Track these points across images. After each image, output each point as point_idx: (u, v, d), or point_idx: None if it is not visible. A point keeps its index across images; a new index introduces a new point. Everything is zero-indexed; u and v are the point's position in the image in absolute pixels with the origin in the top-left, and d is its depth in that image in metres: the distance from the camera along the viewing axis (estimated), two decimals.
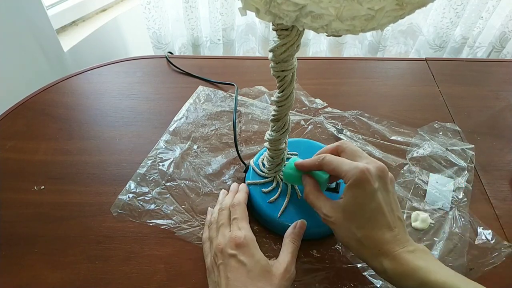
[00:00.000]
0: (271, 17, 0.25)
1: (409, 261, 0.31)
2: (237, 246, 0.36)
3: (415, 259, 0.31)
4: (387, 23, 0.24)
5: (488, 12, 1.02)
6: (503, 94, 0.63)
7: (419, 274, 0.30)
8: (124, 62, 0.68)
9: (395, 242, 0.32)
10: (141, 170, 0.49)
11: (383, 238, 0.32)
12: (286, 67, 0.34)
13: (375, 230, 0.32)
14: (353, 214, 0.33)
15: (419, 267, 0.30)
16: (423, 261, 0.31)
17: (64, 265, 0.41)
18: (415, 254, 0.32)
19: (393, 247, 0.32)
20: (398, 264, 0.31)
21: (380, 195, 0.33)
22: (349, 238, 0.34)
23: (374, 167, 0.33)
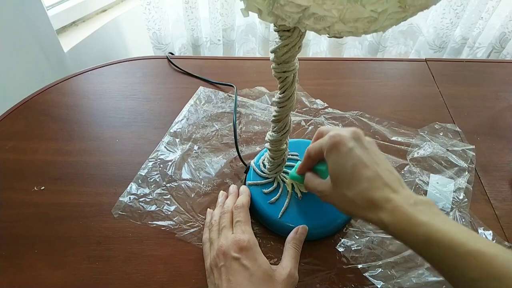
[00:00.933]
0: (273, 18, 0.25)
1: (410, 215, 0.29)
2: (241, 250, 0.36)
3: (417, 213, 0.29)
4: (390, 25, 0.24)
5: (488, 13, 1.02)
6: (503, 94, 0.63)
7: (422, 229, 0.28)
8: (124, 62, 0.68)
9: (390, 193, 0.30)
10: (142, 171, 0.49)
11: (375, 191, 0.31)
12: (287, 68, 0.34)
13: (363, 184, 0.31)
14: (338, 178, 0.33)
15: (422, 223, 0.28)
16: (426, 215, 0.28)
17: (64, 265, 0.41)
18: (417, 207, 0.29)
19: (390, 200, 0.30)
20: (397, 218, 0.29)
21: (358, 152, 0.32)
22: (344, 203, 0.33)
23: (346, 131, 0.34)
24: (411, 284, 0.39)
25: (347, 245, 0.42)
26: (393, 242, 0.42)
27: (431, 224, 0.28)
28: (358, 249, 0.42)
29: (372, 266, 0.40)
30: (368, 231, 0.43)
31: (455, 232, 0.27)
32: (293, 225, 0.41)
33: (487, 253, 0.26)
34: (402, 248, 0.42)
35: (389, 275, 0.40)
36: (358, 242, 0.42)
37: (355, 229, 0.43)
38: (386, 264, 0.40)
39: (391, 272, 0.40)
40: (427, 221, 0.28)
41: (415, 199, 0.30)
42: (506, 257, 0.25)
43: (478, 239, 0.27)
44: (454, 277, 0.27)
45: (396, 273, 0.40)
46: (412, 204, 0.29)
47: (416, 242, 0.28)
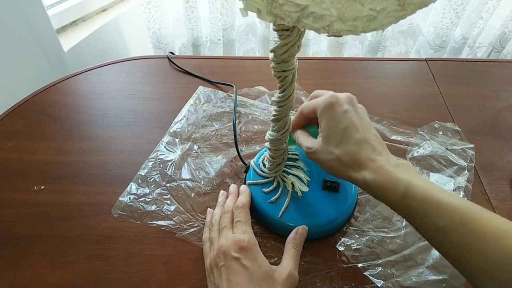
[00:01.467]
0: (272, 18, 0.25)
1: (391, 173, 0.31)
2: (241, 250, 0.36)
3: (398, 172, 0.31)
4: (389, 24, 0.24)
5: (488, 12, 1.02)
6: (503, 94, 0.63)
7: (401, 185, 0.31)
8: (124, 62, 0.68)
9: (375, 155, 0.33)
10: (142, 171, 0.49)
11: (362, 152, 0.33)
12: (287, 67, 0.34)
13: (352, 145, 0.34)
14: (329, 136, 0.35)
15: (402, 179, 0.31)
16: (406, 174, 0.31)
17: (64, 265, 0.41)
18: (398, 167, 0.32)
19: (374, 160, 0.33)
20: (380, 176, 0.32)
21: (351, 115, 0.34)
22: (329, 160, 0.35)
23: (342, 94, 0.36)
24: (411, 283, 0.39)
25: (347, 244, 0.42)
26: (393, 241, 0.42)
27: (410, 181, 0.31)
28: (358, 248, 0.42)
29: (372, 265, 0.40)
30: (368, 230, 0.43)
31: (431, 188, 0.30)
32: (293, 224, 0.41)
33: (457, 204, 0.29)
34: (402, 247, 0.42)
35: (389, 274, 0.40)
36: (358, 241, 0.42)
37: (355, 228, 0.43)
38: (386, 263, 0.40)
39: (391, 271, 0.40)
40: (406, 178, 0.31)
41: (397, 162, 0.33)
42: (472, 207, 0.29)
43: (451, 195, 0.30)
44: (425, 225, 0.30)
45: (396, 272, 0.40)
46: (394, 165, 0.32)
47: (395, 197, 0.31)
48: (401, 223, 0.44)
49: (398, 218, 0.45)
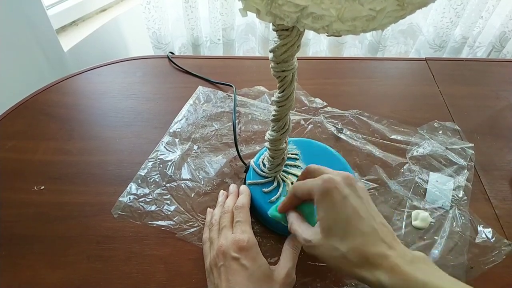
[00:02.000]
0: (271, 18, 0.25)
1: (409, 275, 0.27)
2: (240, 249, 0.36)
3: (415, 271, 0.28)
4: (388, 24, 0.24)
5: (488, 12, 1.02)
6: (503, 93, 0.63)
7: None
8: (124, 62, 0.68)
9: (387, 250, 0.29)
10: (142, 171, 0.49)
11: (371, 247, 0.29)
12: (286, 67, 0.34)
13: (358, 238, 0.29)
14: (330, 229, 0.30)
15: (422, 283, 0.27)
16: (424, 273, 0.28)
17: (64, 265, 0.41)
18: (414, 265, 0.28)
19: (387, 258, 0.28)
20: (397, 277, 0.28)
21: (353, 200, 0.30)
22: (334, 258, 0.30)
23: (339, 175, 0.31)
24: None
25: None
26: None
27: (430, 284, 0.27)
28: None
29: None
30: None
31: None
32: None
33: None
34: None
35: None
36: None
37: None
38: None
39: None
40: (426, 280, 0.27)
41: (411, 256, 0.29)
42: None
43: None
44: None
45: None
46: (409, 262, 0.28)
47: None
48: (401, 223, 0.45)
49: (398, 218, 0.45)
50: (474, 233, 0.44)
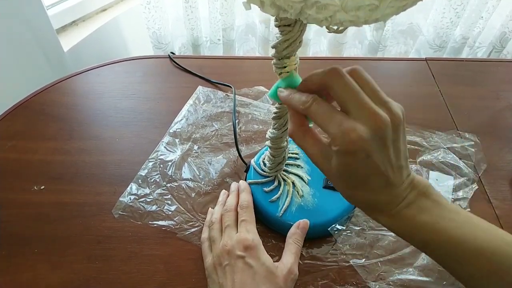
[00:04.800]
0: (275, 10, 0.25)
1: (409, 218, 0.27)
2: (246, 248, 0.36)
3: (416, 213, 0.27)
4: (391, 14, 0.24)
5: (488, 12, 1.02)
6: (503, 94, 0.63)
7: (421, 232, 0.27)
8: (124, 62, 0.68)
9: (393, 199, 0.28)
10: (142, 172, 0.49)
11: (380, 198, 0.28)
12: (288, 63, 0.34)
13: (368, 192, 0.28)
14: (343, 177, 0.28)
15: (420, 224, 0.27)
16: (425, 213, 0.27)
17: (64, 265, 0.41)
18: (416, 204, 0.28)
19: (391, 206, 0.28)
20: (396, 222, 0.28)
21: (377, 157, 0.26)
22: (341, 190, 0.29)
23: (370, 128, 0.25)
24: (414, 282, 0.39)
25: (348, 242, 0.42)
26: (394, 240, 0.42)
27: (430, 226, 0.27)
28: (359, 246, 0.42)
29: (373, 264, 0.40)
30: (369, 229, 0.43)
31: (454, 230, 0.27)
32: (294, 223, 0.41)
33: (487, 250, 0.26)
34: (403, 246, 0.42)
35: (391, 272, 0.40)
36: (359, 240, 0.42)
37: (356, 227, 0.43)
38: (387, 261, 0.40)
39: (392, 270, 0.40)
40: (427, 222, 0.27)
41: (414, 195, 0.28)
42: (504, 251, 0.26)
43: (477, 234, 0.27)
44: (456, 272, 0.28)
45: (397, 270, 0.40)
46: (413, 202, 0.28)
47: (415, 241, 0.29)
48: None
49: None
50: None
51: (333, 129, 0.26)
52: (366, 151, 0.25)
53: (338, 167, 0.27)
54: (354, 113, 0.26)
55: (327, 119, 0.26)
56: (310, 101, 0.28)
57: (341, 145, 0.25)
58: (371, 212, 0.30)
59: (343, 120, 0.25)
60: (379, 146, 0.26)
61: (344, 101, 0.26)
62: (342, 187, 0.29)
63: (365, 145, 0.25)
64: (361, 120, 0.25)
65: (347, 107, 0.26)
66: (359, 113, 0.25)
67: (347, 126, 0.25)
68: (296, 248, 0.38)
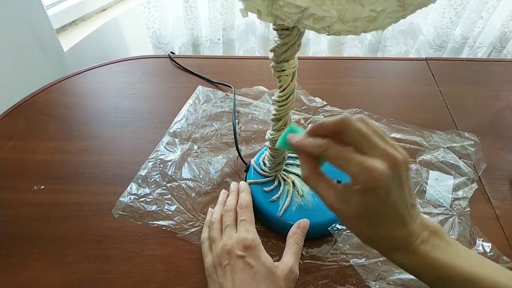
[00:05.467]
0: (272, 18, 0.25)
1: (425, 254, 0.29)
2: (245, 248, 0.36)
3: (431, 250, 0.29)
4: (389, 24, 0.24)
5: (488, 12, 1.02)
6: (503, 93, 0.63)
7: (437, 268, 0.28)
8: (124, 61, 0.68)
9: (409, 236, 0.29)
10: (142, 172, 0.49)
11: (396, 236, 0.29)
12: (287, 66, 0.34)
13: (387, 229, 0.29)
14: (363, 217, 0.29)
15: (436, 260, 0.28)
16: (440, 251, 0.29)
17: (64, 265, 0.41)
18: (430, 243, 0.29)
19: (407, 243, 0.29)
20: (413, 259, 0.29)
21: (395, 194, 0.27)
22: (357, 232, 0.30)
23: (387, 165, 0.27)
24: (414, 281, 0.39)
25: (348, 242, 0.42)
26: None
27: (444, 261, 0.28)
28: (359, 246, 0.42)
29: (373, 263, 0.40)
30: None
31: (469, 268, 0.28)
32: (294, 223, 0.41)
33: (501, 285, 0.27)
34: None
35: (391, 272, 0.40)
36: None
37: None
38: (387, 261, 0.40)
39: (393, 269, 0.40)
40: (443, 259, 0.28)
41: (427, 234, 0.30)
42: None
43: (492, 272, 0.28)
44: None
45: (397, 270, 0.40)
46: (426, 240, 0.29)
47: (431, 278, 0.29)
48: None
49: None
50: (471, 244, 0.43)
51: (354, 168, 0.27)
52: (386, 187, 0.27)
53: (359, 207, 0.28)
54: (371, 153, 0.27)
55: (346, 160, 0.27)
56: (326, 145, 0.29)
57: (363, 183, 0.27)
58: (388, 251, 0.30)
59: (363, 159, 0.27)
60: (397, 183, 0.27)
61: (359, 144, 0.28)
62: (361, 228, 0.30)
63: (386, 181, 0.26)
64: (379, 159, 0.27)
65: (362, 148, 0.27)
66: (375, 153, 0.27)
67: (368, 164, 0.26)
68: (296, 248, 0.38)
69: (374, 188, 0.27)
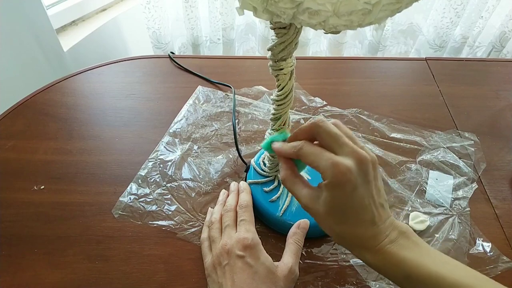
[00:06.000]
0: (268, 15, 0.25)
1: (392, 253, 0.30)
2: (245, 248, 0.36)
3: (399, 250, 0.30)
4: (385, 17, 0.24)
5: (488, 12, 1.02)
6: (503, 93, 0.63)
7: (403, 267, 0.29)
8: (124, 61, 0.68)
9: (377, 235, 0.30)
10: (142, 172, 0.49)
11: (365, 234, 0.30)
12: (284, 65, 0.34)
13: (355, 227, 0.30)
14: (332, 212, 0.30)
15: (403, 259, 0.29)
16: (407, 250, 0.30)
17: (64, 265, 0.41)
18: (398, 242, 0.30)
19: (375, 241, 0.30)
20: (380, 257, 0.30)
21: (361, 191, 0.29)
22: (329, 230, 0.32)
23: (354, 162, 0.29)
24: None
25: None
26: None
27: (410, 260, 0.29)
28: None
29: None
30: None
31: (434, 267, 0.29)
32: (294, 223, 0.41)
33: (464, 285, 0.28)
34: None
35: None
36: None
37: None
38: None
39: None
40: (409, 257, 0.29)
41: (396, 234, 0.31)
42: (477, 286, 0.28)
43: (455, 271, 0.29)
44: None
45: None
46: (394, 240, 0.30)
47: (397, 277, 0.30)
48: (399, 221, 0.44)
49: (396, 217, 0.45)
50: (471, 244, 0.43)
51: (323, 163, 0.30)
52: (353, 183, 0.29)
53: (327, 203, 0.30)
54: (340, 152, 0.30)
55: (317, 157, 0.30)
56: (300, 144, 0.32)
57: (331, 177, 0.29)
58: (356, 248, 0.32)
59: (332, 156, 0.30)
60: (363, 180, 0.30)
61: (329, 143, 0.31)
62: (330, 224, 0.31)
63: (352, 177, 0.29)
64: (347, 156, 0.29)
65: (333, 148, 0.30)
66: (344, 151, 0.30)
67: (336, 160, 0.29)
68: (296, 248, 0.38)
69: (341, 183, 0.29)
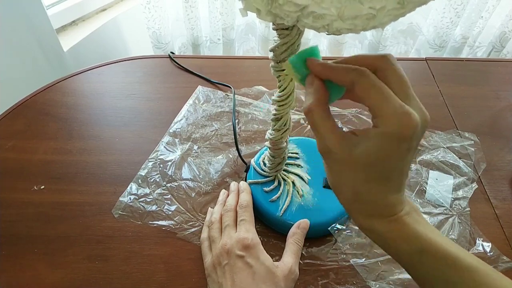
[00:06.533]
0: (272, 17, 0.25)
1: (408, 225, 0.27)
2: (245, 248, 0.36)
3: (414, 223, 0.27)
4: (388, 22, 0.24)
5: (488, 12, 1.02)
6: (503, 94, 0.63)
7: (418, 240, 0.27)
8: (124, 61, 0.68)
9: (397, 205, 0.27)
10: (142, 172, 0.49)
11: (387, 199, 0.27)
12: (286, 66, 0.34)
13: (383, 191, 0.26)
14: (370, 166, 0.25)
15: (419, 233, 0.27)
16: (421, 226, 0.27)
17: (64, 265, 0.41)
18: (412, 216, 0.28)
19: (393, 210, 0.27)
20: (395, 228, 0.27)
21: (412, 153, 0.25)
22: (346, 186, 0.27)
23: (422, 119, 0.24)
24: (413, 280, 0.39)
25: (348, 242, 0.42)
26: None
27: (426, 235, 0.27)
28: (359, 246, 0.42)
29: (373, 263, 0.40)
30: None
31: (446, 246, 0.27)
32: (294, 223, 0.41)
33: (480, 270, 0.26)
34: None
35: (391, 272, 0.40)
36: (359, 239, 0.42)
37: (355, 227, 0.43)
38: (387, 261, 0.40)
39: (392, 269, 0.40)
40: (424, 232, 0.27)
41: (409, 208, 0.28)
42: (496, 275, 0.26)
43: (470, 255, 0.27)
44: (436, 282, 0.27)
45: (397, 269, 0.40)
46: (408, 213, 0.28)
47: (409, 251, 0.27)
48: None
49: None
50: (471, 244, 0.43)
51: (390, 107, 0.23)
52: (413, 141, 0.24)
53: (371, 153, 0.24)
54: (408, 103, 0.24)
55: (384, 96, 0.23)
56: (363, 70, 0.25)
57: (397, 127, 0.23)
58: (368, 216, 0.28)
59: (403, 104, 0.23)
60: (417, 143, 0.25)
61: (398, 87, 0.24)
62: (355, 178, 0.26)
63: (415, 135, 0.23)
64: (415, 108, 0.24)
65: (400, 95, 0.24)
66: (412, 104, 0.24)
67: (408, 110, 0.23)
68: (296, 248, 0.38)
69: (405, 137, 0.23)
